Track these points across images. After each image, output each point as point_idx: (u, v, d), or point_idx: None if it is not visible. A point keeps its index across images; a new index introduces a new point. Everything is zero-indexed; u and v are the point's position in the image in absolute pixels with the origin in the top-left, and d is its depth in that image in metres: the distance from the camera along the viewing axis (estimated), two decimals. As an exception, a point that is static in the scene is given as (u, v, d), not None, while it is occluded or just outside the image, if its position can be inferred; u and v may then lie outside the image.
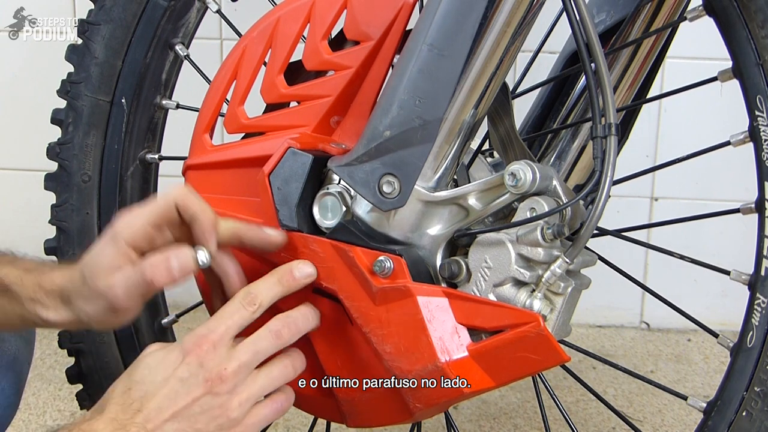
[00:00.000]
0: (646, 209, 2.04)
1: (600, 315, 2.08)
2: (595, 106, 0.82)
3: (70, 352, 1.19)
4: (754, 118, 0.86)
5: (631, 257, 1.86)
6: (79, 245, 1.14)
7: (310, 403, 0.98)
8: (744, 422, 0.86)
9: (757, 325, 0.86)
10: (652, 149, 1.99)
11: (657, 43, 1.07)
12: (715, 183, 1.98)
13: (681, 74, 1.32)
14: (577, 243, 0.82)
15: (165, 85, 1.16)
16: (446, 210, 0.87)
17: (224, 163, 0.96)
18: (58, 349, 1.19)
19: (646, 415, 1.68)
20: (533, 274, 0.83)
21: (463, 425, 1.63)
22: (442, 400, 0.85)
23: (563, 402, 1.70)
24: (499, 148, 0.97)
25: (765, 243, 0.86)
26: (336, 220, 0.88)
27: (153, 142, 1.18)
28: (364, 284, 0.85)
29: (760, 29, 0.84)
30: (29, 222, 1.81)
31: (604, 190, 0.80)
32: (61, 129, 1.14)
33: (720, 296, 1.99)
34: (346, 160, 0.85)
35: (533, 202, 0.83)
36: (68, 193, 1.14)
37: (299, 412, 1.04)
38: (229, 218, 0.88)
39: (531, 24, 0.87)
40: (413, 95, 0.82)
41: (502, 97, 0.93)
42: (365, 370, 0.89)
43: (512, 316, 0.81)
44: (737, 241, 1.78)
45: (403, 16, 0.89)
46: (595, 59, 0.82)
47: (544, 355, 0.81)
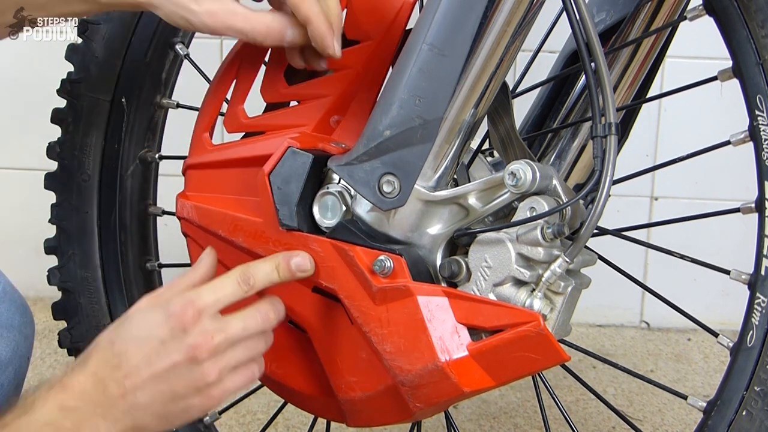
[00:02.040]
0: (646, 209, 2.04)
1: (600, 314, 2.08)
2: (595, 105, 0.82)
3: (70, 352, 1.19)
4: (754, 117, 0.86)
5: (631, 257, 1.86)
6: (79, 244, 1.15)
7: (310, 403, 0.98)
8: (744, 422, 0.86)
9: (757, 325, 0.86)
10: (652, 149, 1.99)
11: (657, 43, 1.07)
12: (715, 183, 1.98)
13: (681, 74, 1.32)
14: (577, 242, 0.82)
15: (165, 84, 1.16)
16: (446, 209, 0.87)
17: (224, 163, 0.96)
18: (58, 348, 1.19)
19: (646, 415, 1.68)
20: (533, 274, 0.83)
21: (463, 425, 1.63)
22: (442, 400, 0.85)
23: (563, 401, 1.70)
24: (499, 148, 0.97)
25: (765, 242, 0.86)
26: (336, 219, 0.88)
27: (153, 142, 1.18)
28: (364, 284, 0.85)
29: (760, 29, 0.84)
30: (29, 221, 1.81)
31: (604, 190, 0.80)
32: (61, 128, 1.14)
33: (720, 296, 1.99)
34: (346, 159, 0.85)
35: (533, 202, 0.83)
36: (68, 193, 1.14)
37: (299, 411, 1.04)
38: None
39: (531, 23, 0.87)
40: (413, 95, 0.82)
41: (502, 97, 0.93)
42: (365, 370, 0.89)
43: (512, 316, 0.81)
44: (737, 240, 1.79)
45: (403, 16, 0.89)
46: (595, 59, 0.82)
47: (544, 355, 0.81)
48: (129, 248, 1.18)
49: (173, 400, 0.81)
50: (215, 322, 0.81)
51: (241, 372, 0.84)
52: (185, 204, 0.98)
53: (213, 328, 0.81)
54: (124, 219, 1.17)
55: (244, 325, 0.83)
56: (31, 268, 1.59)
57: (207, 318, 0.81)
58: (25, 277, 1.25)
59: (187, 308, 0.80)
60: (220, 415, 1.21)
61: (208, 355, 0.80)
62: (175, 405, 0.81)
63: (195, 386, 0.81)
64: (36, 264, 1.35)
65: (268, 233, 0.89)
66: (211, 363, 0.81)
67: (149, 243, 1.21)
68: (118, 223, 1.16)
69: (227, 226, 0.93)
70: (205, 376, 0.81)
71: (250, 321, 0.83)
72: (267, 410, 1.67)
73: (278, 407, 1.17)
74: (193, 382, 0.81)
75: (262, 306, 0.84)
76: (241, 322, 0.82)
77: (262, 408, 1.67)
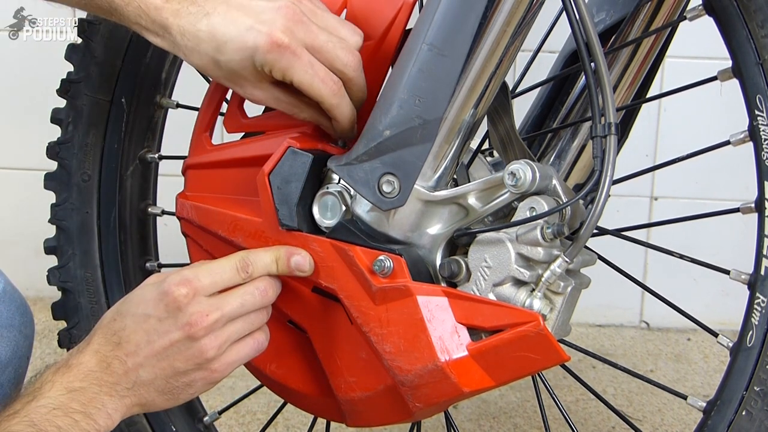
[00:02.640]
0: (645, 209, 2.04)
1: (600, 314, 2.08)
2: (594, 105, 0.82)
3: (69, 352, 1.19)
4: (753, 117, 0.85)
5: (630, 257, 1.86)
6: (79, 244, 1.15)
7: (310, 403, 0.98)
8: (744, 422, 0.86)
9: (757, 325, 0.86)
10: (651, 149, 1.99)
11: (657, 43, 1.07)
12: (714, 182, 1.98)
13: (681, 74, 1.32)
14: (576, 242, 0.82)
15: (165, 84, 1.16)
16: (446, 209, 0.87)
17: (224, 163, 0.96)
18: (58, 348, 1.19)
19: (645, 415, 1.68)
20: (533, 274, 0.83)
21: (463, 424, 1.63)
22: (442, 400, 0.85)
23: (563, 401, 1.70)
24: (499, 148, 0.97)
25: (765, 242, 0.86)
26: (336, 219, 0.88)
27: (153, 142, 1.18)
28: (363, 284, 0.85)
29: (759, 29, 0.83)
30: (29, 221, 1.81)
31: (604, 190, 0.80)
32: (60, 128, 1.14)
33: (720, 296, 1.99)
34: (346, 159, 0.85)
35: (533, 202, 0.83)
36: (68, 193, 1.14)
37: (299, 411, 1.04)
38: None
39: (531, 23, 0.87)
40: (413, 95, 0.82)
41: (501, 97, 0.93)
42: (365, 370, 0.89)
43: (512, 316, 0.81)
44: (737, 240, 1.78)
45: (403, 16, 0.89)
46: (595, 58, 0.82)
47: (544, 355, 0.81)
48: (129, 248, 1.18)
49: (175, 375, 0.83)
50: (211, 300, 0.83)
51: (245, 343, 0.86)
52: (185, 204, 0.98)
53: (208, 305, 0.82)
54: (123, 219, 1.16)
55: (242, 302, 0.84)
56: (31, 268, 1.59)
57: (202, 297, 0.82)
58: (25, 277, 1.26)
59: (180, 287, 0.82)
60: (220, 415, 1.21)
61: (204, 332, 0.82)
62: (177, 380, 0.83)
63: (195, 362, 0.83)
64: (36, 264, 1.35)
65: (268, 233, 0.89)
66: (208, 339, 0.82)
67: (149, 243, 1.21)
68: (117, 223, 1.16)
69: (227, 226, 0.93)
70: (204, 352, 0.82)
71: (248, 298, 0.85)
72: (267, 410, 1.67)
73: (278, 407, 1.17)
74: (193, 359, 0.82)
75: (260, 283, 0.86)
76: (238, 299, 0.84)
77: (262, 408, 1.67)
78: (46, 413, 0.79)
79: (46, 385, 0.81)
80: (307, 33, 0.83)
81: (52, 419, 0.79)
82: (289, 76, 0.84)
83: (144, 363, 0.82)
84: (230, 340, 0.84)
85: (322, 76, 0.84)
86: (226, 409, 1.23)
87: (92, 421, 0.81)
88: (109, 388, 0.81)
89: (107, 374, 0.82)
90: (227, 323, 0.84)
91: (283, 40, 0.82)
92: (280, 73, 0.83)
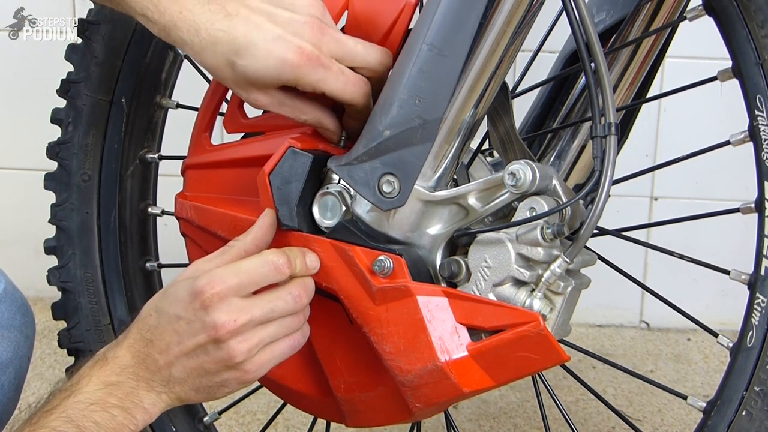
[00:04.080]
0: (645, 209, 2.04)
1: (600, 314, 2.08)
2: (594, 105, 0.82)
3: (69, 352, 1.19)
4: (753, 117, 0.85)
5: (630, 257, 1.86)
6: (79, 244, 1.14)
7: (310, 403, 0.98)
8: (744, 422, 0.86)
9: (757, 325, 0.86)
10: (651, 149, 1.99)
11: (657, 43, 1.07)
12: (714, 183, 1.98)
13: (681, 74, 1.32)
14: (576, 242, 0.82)
15: (164, 84, 1.16)
16: (446, 209, 0.87)
17: (224, 163, 0.96)
18: (57, 348, 1.19)
19: (645, 415, 1.68)
20: (533, 274, 0.83)
21: (463, 425, 1.63)
22: (442, 400, 0.85)
23: (563, 401, 1.70)
24: (499, 148, 0.97)
25: (765, 242, 0.86)
26: (336, 219, 0.88)
27: (152, 142, 1.18)
28: (363, 284, 0.85)
29: (759, 29, 0.83)
30: (29, 221, 1.81)
31: (604, 190, 0.80)
32: (60, 128, 1.14)
33: (720, 296, 1.99)
34: (346, 159, 0.85)
35: (533, 202, 0.83)
36: (68, 193, 1.14)
37: (299, 412, 1.04)
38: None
39: (531, 23, 0.87)
40: (413, 95, 0.82)
41: (501, 97, 0.93)
42: (365, 370, 0.89)
43: (512, 316, 0.81)
44: (737, 240, 1.78)
45: (405, 17, 0.89)
46: (595, 59, 0.82)
47: (544, 355, 0.81)
48: (129, 248, 1.18)
49: (206, 375, 0.82)
50: (242, 302, 0.81)
51: (281, 343, 0.84)
52: (184, 204, 0.98)
53: (237, 308, 0.80)
54: (124, 219, 1.17)
55: (272, 307, 0.82)
56: (31, 268, 1.59)
57: (233, 298, 0.81)
58: (25, 277, 1.25)
59: (207, 288, 0.80)
60: (220, 415, 1.21)
61: (231, 336, 0.80)
62: (209, 380, 0.83)
63: (224, 364, 0.81)
64: (36, 264, 1.35)
65: (268, 233, 0.89)
66: (236, 342, 0.81)
67: (149, 243, 1.21)
68: (118, 223, 1.16)
69: (226, 226, 0.93)
70: (232, 356, 0.81)
71: (280, 303, 0.83)
72: (267, 410, 1.67)
73: (278, 407, 1.17)
74: (222, 361, 0.81)
75: (294, 288, 0.84)
76: (269, 304, 0.82)
77: (262, 408, 1.67)
78: (83, 409, 0.79)
79: (84, 380, 0.81)
80: (334, 42, 0.84)
81: (89, 415, 0.79)
82: (320, 88, 0.83)
83: (175, 362, 0.81)
84: (262, 344, 0.82)
85: (353, 81, 0.85)
86: (226, 409, 1.23)
87: (129, 415, 0.81)
88: (145, 383, 0.82)
89: (142, 369, 0.82)
90: (257, 327, 0.82)
91: (314, 52, 0.82)
92: (310, 86, 0.83)
